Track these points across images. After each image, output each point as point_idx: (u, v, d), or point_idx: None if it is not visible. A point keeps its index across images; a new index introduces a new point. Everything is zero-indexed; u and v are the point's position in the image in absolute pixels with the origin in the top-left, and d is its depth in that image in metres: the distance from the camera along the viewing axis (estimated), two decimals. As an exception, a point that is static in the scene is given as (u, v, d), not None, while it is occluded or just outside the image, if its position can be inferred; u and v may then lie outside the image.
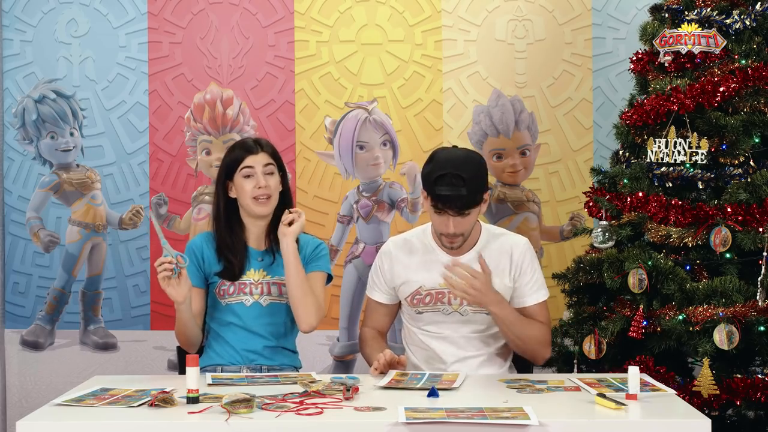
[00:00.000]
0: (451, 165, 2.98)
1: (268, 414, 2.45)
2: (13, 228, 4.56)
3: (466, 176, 2.96)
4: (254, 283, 3.15)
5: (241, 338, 3.15)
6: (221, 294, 3.15)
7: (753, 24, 3.65)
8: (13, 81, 4.55)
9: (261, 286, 3.15)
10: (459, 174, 2.96)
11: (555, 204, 4.54)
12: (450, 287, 3.05)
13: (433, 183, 2.99)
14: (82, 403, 2.58)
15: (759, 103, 3.57)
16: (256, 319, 3.15)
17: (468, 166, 3.00)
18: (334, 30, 4.55)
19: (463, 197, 2.97)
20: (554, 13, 4.54)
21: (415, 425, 2.36)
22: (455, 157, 3.03)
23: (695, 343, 3.35)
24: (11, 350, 4.55)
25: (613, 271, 3.53)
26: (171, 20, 4.55)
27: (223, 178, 3.16)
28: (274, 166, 3.15)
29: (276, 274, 3.17)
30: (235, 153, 3.16)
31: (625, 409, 2.50)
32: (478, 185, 3.01)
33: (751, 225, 3.44)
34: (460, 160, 3.02)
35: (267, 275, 3.16)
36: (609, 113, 4.43)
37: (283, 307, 3.18)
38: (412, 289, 3.19)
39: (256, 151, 3.14)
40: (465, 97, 4.54)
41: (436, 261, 3.18)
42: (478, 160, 3.08)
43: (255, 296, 3.15)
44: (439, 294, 3.16)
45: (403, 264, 3.21)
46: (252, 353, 3.15)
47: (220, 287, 3.15)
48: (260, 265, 3.17)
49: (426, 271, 3.18)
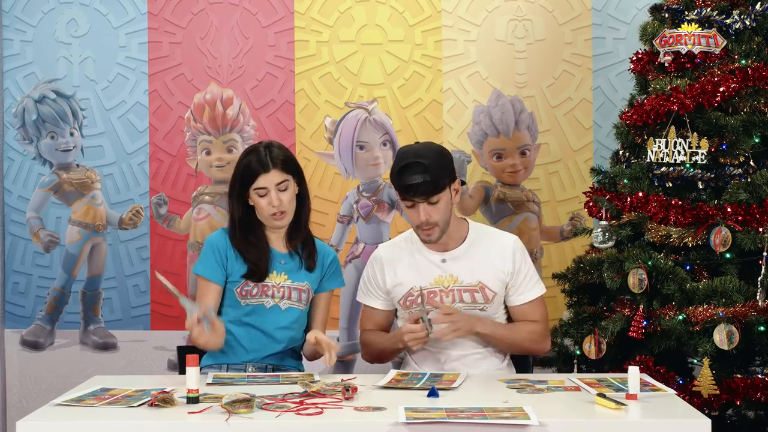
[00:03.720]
0: (412, 154, 3.07)
1: (268, 414, 2.45)
2: (13, 228, 4.56)
3: (427, 162, 3.03)
4: (276, 287, 3.16)
5: (255, 339, 3.15)
6: (243, 294, 3.15)
7: (753, 24, 3.65)
8: (13, 81, 4.55)
9: (283, 290, 3.16)
10: (420, 161, 3.03)
11: (555, 204, 4.54)
12: (442, 336, 3.07)
13: (397, 175, 3.07)
14: (82, 403, 2.58)
15: (759, 103, 3.57)
16: (273, 322, 3.16)
17: (428, 153, 3.08)
18: (334, 30, 4.55)
19: (427, 182, 3.03)
20: (554, 13, 4.54)
21: (415, 425, 2.36)
22: (415, 148, 3.14)
23: (695, 343, 3.35)
24: (11, 350, 4.55)
25: (613, 271, 3.53)
26: (171, 20, 4.55)
27: (238, 189, 3.16)
28: (288, 181, 3.13)
29: (297, 279, 3.18)
30: (248, 167, 3.12)
31: (625, 409, 2.50)
32: (440, 170, 3.06)
33: (751, 225, 3.44)
34: (419, 149, 3.11)
35: (288, 279, 3.18)
36: (609, 113, 4.43)
37: (300, 312, 3.19)
38: (404, 291, 3.19)
39: (269, 169, 3.10)
40: (465, 97, 4.54)
41: (425, 261, 3.19)
42: (439, 149, 3.16)
43: (276, 299, 3.16)
44: (431, 293, 3.16)
45: (393, 267, 3.23)
46: (262, 355, 3.16)
47: (243, 287, 3.15)
48: (282, 268, 3.18)
49: (416, 271, 3.19)
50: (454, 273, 3.16)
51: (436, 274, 3.17)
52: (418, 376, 2.92)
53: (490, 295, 3.15)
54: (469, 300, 3.15)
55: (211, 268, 3.15)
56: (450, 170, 3.12)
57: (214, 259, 3.16)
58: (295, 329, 3.21)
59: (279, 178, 3.11)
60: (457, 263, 3.17)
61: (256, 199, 3.13)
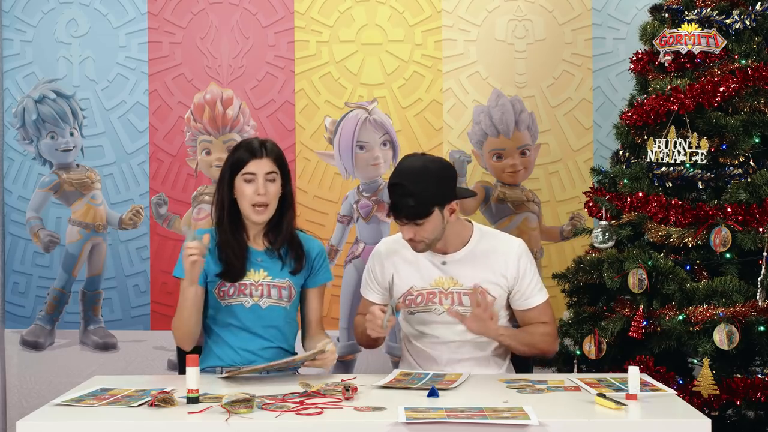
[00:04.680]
0: (403, 175, 3.02)
1: (268, 414, 2.45)
2: (13, 228, 4.56)
3: (415, 189, 2.98)
4: (254, 285, 3.14)
5: (241, 339, 3.14)
6: (221, 295, 3.14)
7: (753, 24, 3.65)
8: (13, 81, 4.55)
9: (261, 288, 3.14)
10: (405, 186, 2.98)
11: (555, 204, 4.54)
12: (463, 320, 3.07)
13: (387, 189, 3.08)
14: (82, 403, 2.58)
15: (759, 103, 3.57)
16: (256, 321, 3.14)
17: (419, 178, 3.00)
18: (334, 30, 4.55)
19: (410, 207, 2.99)
20: (554, 13, 4.54)
21: (415, 425, 2.36)
22: (411, 168, 3.04)
23: (695, 343, 3.35)
24: (11, 350, 4.55)
25: (613, 271, 3.53)
26: (171, 20, 4.55)
27: (228, 178, 3.14)
28: (276, 174, 3.12)
29: (276, 276, 3.16)
30: (239, 154, 3.12)
31: (625, 409, 2.50)
32: (428, 198, 3.00)
33: (751, 225, 3.44)
34: (414, 171, 3.03)
35: (267, 276, 3.15)
36: (609, 113, 4.43)
37: (281, 310, 3.16)
38: (404, 289, 3.19)
39: (261, 156, 3.10)
40: (465, 97, 4.54)
41: (426, 261, 3.18)
42: (437, 173, 3.05)
43: (255, 298, 3.13)
44: (431, 294, 3.16)
45: (393, 265, 3.22)
46: (251, 354, 3.14)
47: (220, 288, 3.14)
48: (260, 266, 3.16)
49: (416, 271, 3.19)
50: (455, 275, 3.16)
51: (436, 275, 3.17)
52: (420, 376, 2.92)
53: (490, 300, 3.14)
54: (468, 303, 3.14)
55: None
56: (443, 194, 3.06)
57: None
58: (283, 328, 3.18)
59: (269, 167, 3.10)
60: (458, 266, 3.16)
61: (242, 187, 3.09)
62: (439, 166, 3.09)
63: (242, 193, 3.10)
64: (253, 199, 3.09)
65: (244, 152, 3.11)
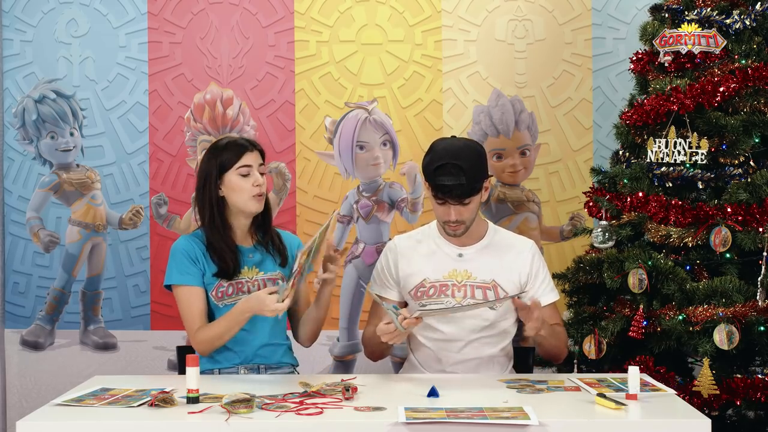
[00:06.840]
0: (450, 155, 3.03)
1: (268, 414, 2.45)
2: (13, 228, 4.56)
3: (465, 165, 3.01)
4: (250, 281, 3.15)
5: (238, 338, 3.14)
6: (220, 296, 3.13)
7: (753, 24, 3.65)
8: (13, 81, 4.55)
9: (257, 284, 3.15)
10: (457, 163, 3.00)
11: (555, 204, 4.54)
12: (536, 333, 3.03)
13: (432, 173, 3.04)
14: (82, 403, 2.58)
15: (759, 103, 3.57)
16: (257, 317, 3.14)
17: (466, 155, 3.04)
18: (334, 30, 4.55)
19: (462, 186, 3.01)
20: (554, 13, 4.54)
21: (415, 425, 2.36)
22: (454, 147, 3.07)
23: (695, 343, 3.35)
24: (11, 350, 4.55)
25: (613, 271, 3.53)
26: (171, 20, 4.55)
27: (216, 178, 3.15)
28: (264, 166, 3.20)
29: (268, 270, 3.19)
30: (230, 151, 3.16)
31: (625, 409, 2.51)
32: (477, 173, 3.05)
33: (751, 225, 3.44)
34: (458, 149, 3.06)
35: (260, 272, 3.18)
36: (609, 113, 4.43)
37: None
38: (417, 281, 3.19)
39: (252, 149, 3.17)
40: (465, 97, 4.54)
41: (442, 254, 3.19)
42: (477, 149, 3.12)
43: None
44: (443, 286, 3.16)
45: (407, 257, 3.23)
46: (249, 352, 3.15)
47: (218, 289, 3.14)
48: (251, 262, 3.18)
49: (431, 263, 3.20)
50: (469, 269, 3.17)
51: (451, 267, 3.18)
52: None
53: (502, 295, 3.16)
54: (480, 297, 3.14)
55: (188, 272, 3.12)
56: (485, 171, 3.12)
57: (188, 262, 3.13)
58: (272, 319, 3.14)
59: (260, 159, 3.19)
60: (473, 259, 3.18)
61: (238, 182, 3.13)
62: (474, 143, 3.18)
63: (239, 188, 3.13)
64: (253, 191, 3.13)
65: (234, 149, 3.16)
